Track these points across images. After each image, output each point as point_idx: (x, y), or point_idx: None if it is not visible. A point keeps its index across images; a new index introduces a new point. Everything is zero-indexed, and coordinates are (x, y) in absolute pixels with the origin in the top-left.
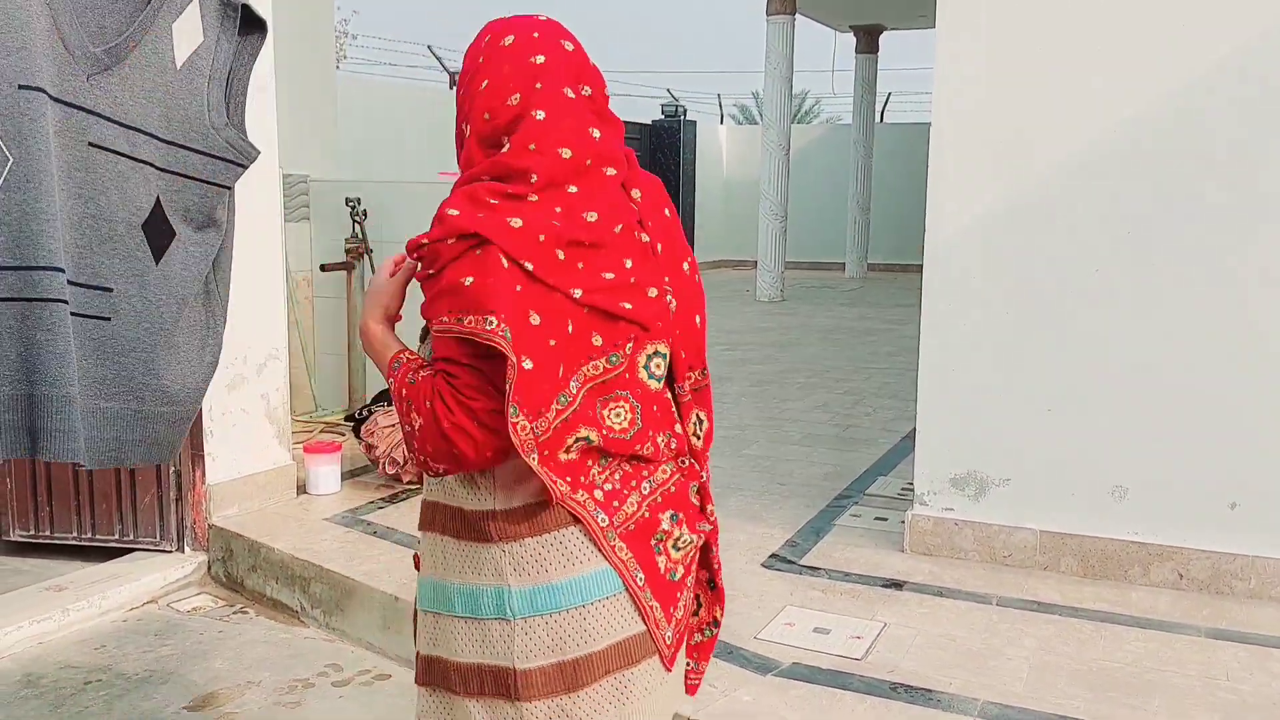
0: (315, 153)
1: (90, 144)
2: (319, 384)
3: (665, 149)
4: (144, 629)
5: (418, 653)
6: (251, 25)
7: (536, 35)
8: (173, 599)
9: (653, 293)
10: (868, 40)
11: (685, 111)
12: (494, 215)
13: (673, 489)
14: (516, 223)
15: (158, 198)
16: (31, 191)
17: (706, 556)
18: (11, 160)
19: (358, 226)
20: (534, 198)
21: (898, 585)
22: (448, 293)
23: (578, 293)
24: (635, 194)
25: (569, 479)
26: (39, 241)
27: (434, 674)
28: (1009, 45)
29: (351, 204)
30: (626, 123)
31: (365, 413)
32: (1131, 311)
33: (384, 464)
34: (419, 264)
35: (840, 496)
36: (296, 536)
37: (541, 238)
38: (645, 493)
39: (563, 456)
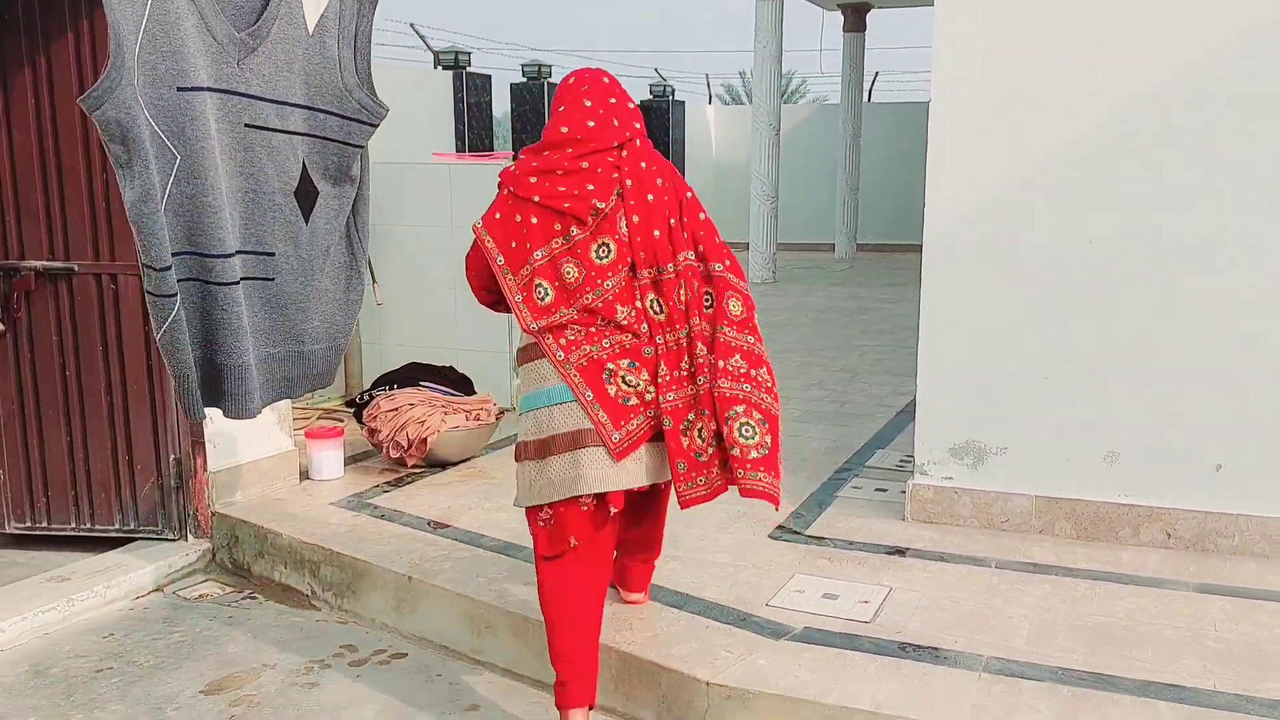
0: None
1: (247, 125)
2: None
3: (654, 129)
4: (152, 617)
5: None
6: None
7: (587, 75)
8: (178, 587)
9: (599, 204)
10: (855, 19)
11: (673, 92)
12: (513, 168)
13: (627, 346)
14: (513, 168)
15: (304, 162)
16: (199, 185)
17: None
18: (179, 158)
19: None
20: (545, 153)
21: (901, 552)
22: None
23: (536, 198)
24: (624, 153)
25: (550, 335)
26: (209, 231)
27: None
28: (1006, 30)
29: None
30: None
31: (366, 398)
32: (1124, 286)
33: (388, 448)
34: None
35: (841, 470)
36: (304, 521)
37: (516, 171)
38: (604, 346)
39: (536, 297)
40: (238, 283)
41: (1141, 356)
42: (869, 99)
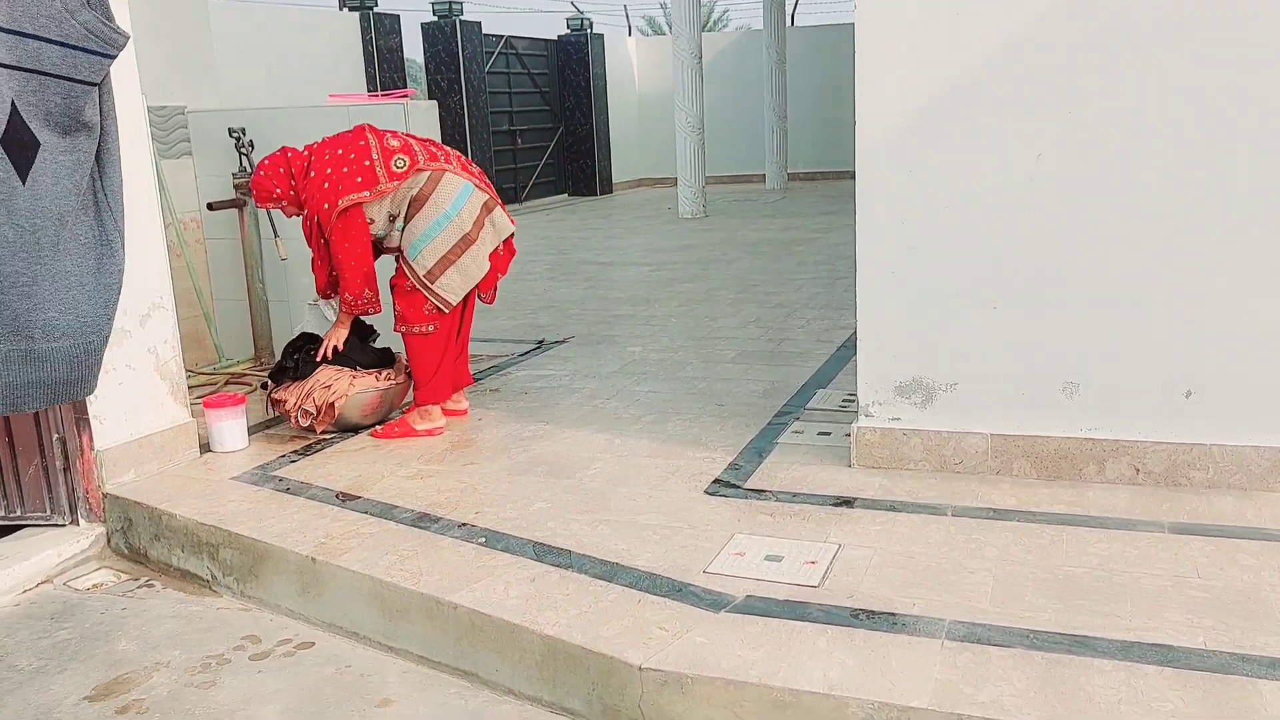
0: (191, 83)
1: None
2: (220, 332)
3: (573, 65)
4: (38, 613)
5: None
6: None
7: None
8: (70, 577)
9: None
10: None
11: (591, 25)
12: None
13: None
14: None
15: (12, 102)
16: None
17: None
18: None
19: (244, 159)
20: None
21: (848, 503)
22: None
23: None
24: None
25: None
26: None
27: None
28: None
29: (236, 135)
30: (533, 39)
31: (291, 371)
32: (1076, 198)
33: (296, 416)
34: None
35: (780, 414)
36: (201, 499)
37: (315, 174)
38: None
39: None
40: None
41: (1098, 277)
42: (792, 23)
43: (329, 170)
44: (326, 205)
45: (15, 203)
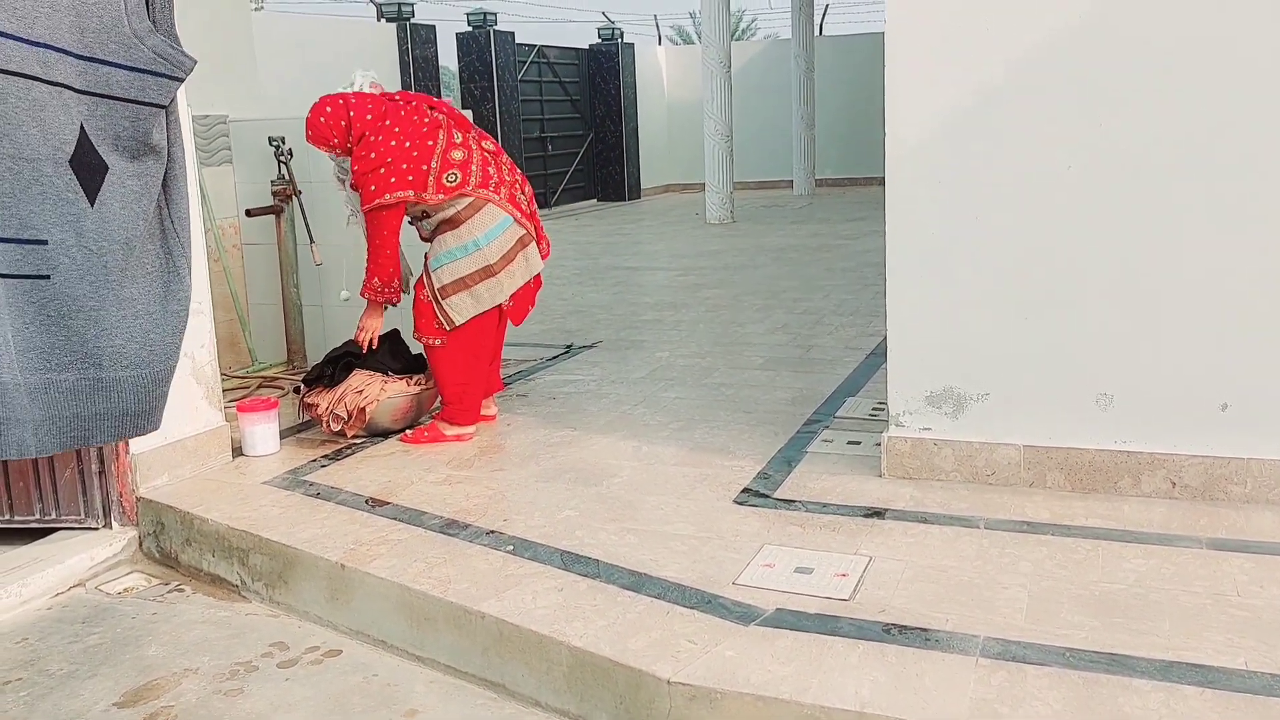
0: (233, 92)
1: None
2: (254, 336)
3: (604, 73)
4: (70, 616)
5: None
6: None
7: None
8: (102, 580)
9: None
10: None
11: (622, 34)
12: None
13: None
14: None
15: (81, 126)
16: None
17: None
18: None
19: (283, 167)
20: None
21: (879, 514)
22: None
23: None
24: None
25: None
26: None
27: None
28: None
29: (275, 144)
30: (564, 48)
31: (325, 378)
32: (1110, 207)
33: (327, 421)
34: None
35: (810, 422)
36: (232, 504)
37: (373, 155)
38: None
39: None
40: None
41: (1131, 286)
42: (820, 32)
43: (388, 158)
44: (373, 188)
45: (84, 224)
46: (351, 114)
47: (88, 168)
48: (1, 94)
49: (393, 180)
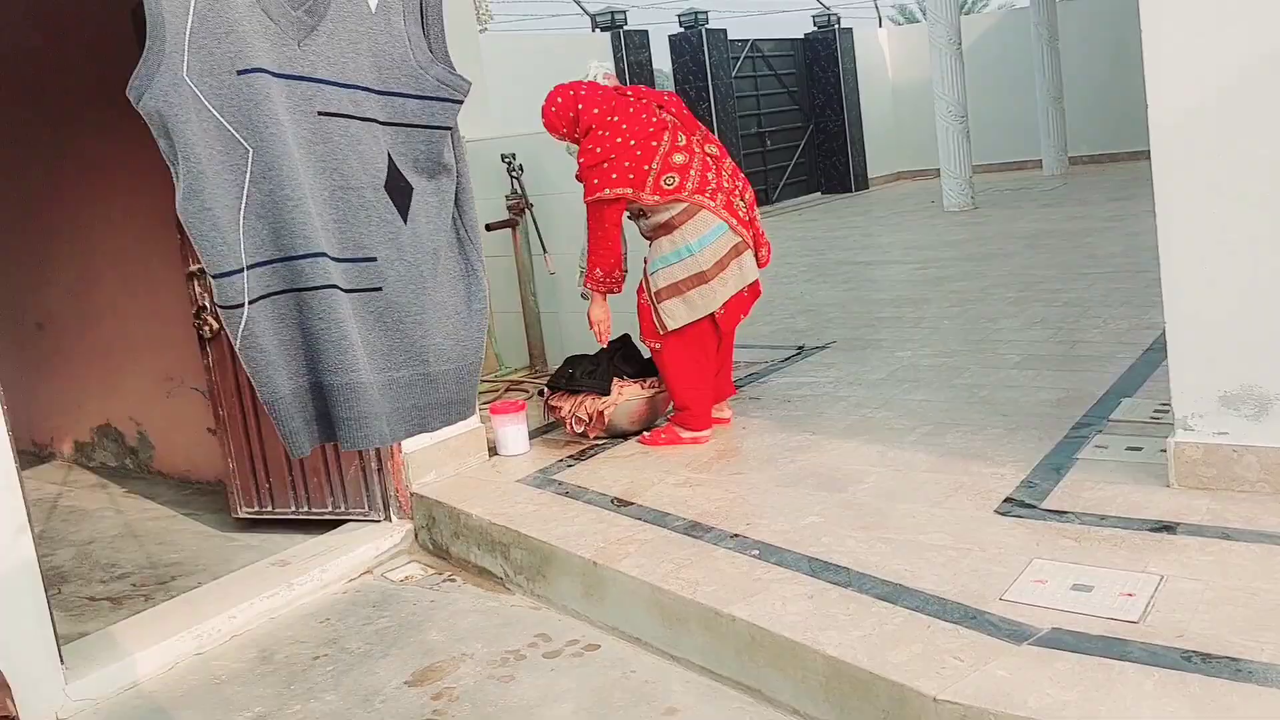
0: (466, 113)
1: (320, 113)
2: (499, 342)
3: (821, 62)
4: (362, 600)
5: None
6: None
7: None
8: (386, 569)
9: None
10: None
11: (839, 20)
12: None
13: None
14: (596, 148)
15: (389, 153)
16: (278, 179)
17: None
18: (251, 151)
19: (516, 182)
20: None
21: (1169, 528)
22: None
23: (631, 141)
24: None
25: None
26: (295, 229)
27: None
28: None
29: (507, 160)
30: (778, 40)
31: (564, 380)
32: None
33: (570, 423)
34: None
35: (1079, 425)
36: (492, 500)
37: (598, 149)
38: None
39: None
40: (334, 287)
41: None
42: None
43: (612, 154)
44: (595, 181)
45: (401, 240)
46: (580, 106)
47: (398, 190)
48: (327, 133)
49: (614, 176)
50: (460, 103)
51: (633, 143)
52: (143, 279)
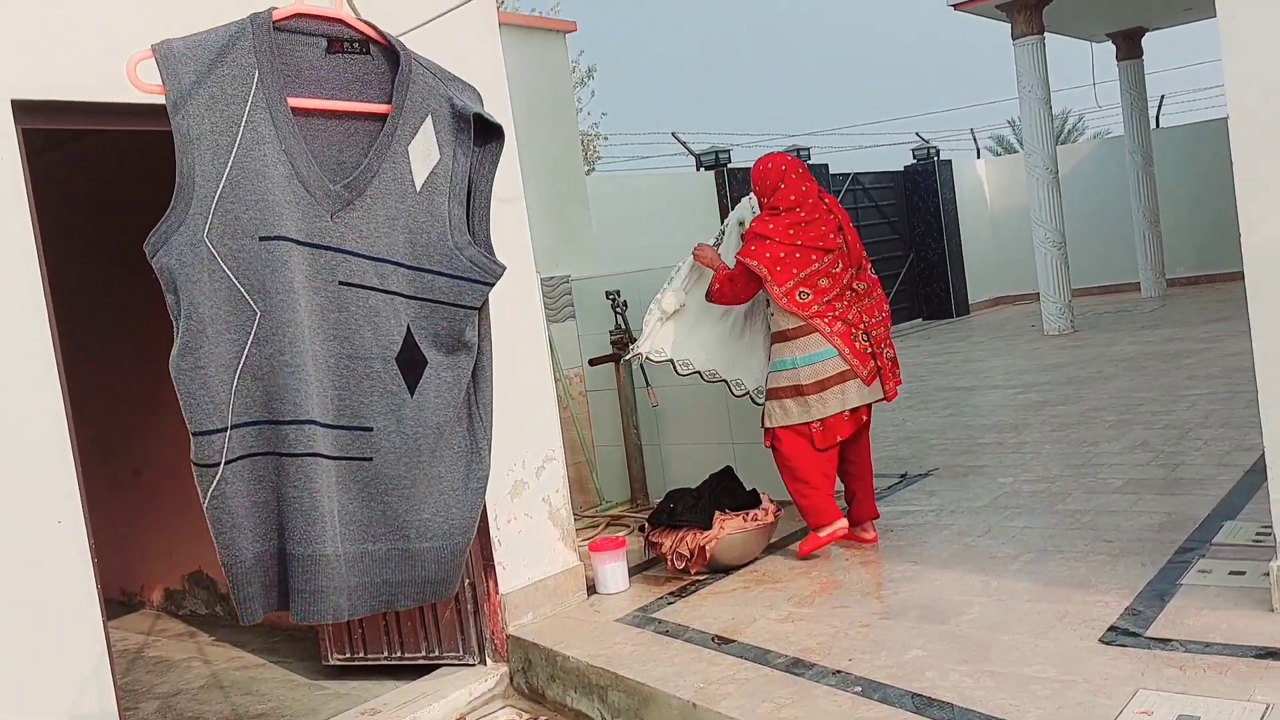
0: (574, 254)
1: (341, 283)
2: (600, 476)
3: (921, 193)
4: None
5: None
6: (488, 133)
7: (783, 159)
8: (479, 714)
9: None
10: (1128, 45)
11: (939, 152)
12: (769, 224)
13: (850, 319)
14: (769, 225)
15: (408, 326)
16: (279, 343)
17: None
18: (259, 313)
19: (619, 318)
20: (785, 214)
21: (1274, 654)
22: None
23: (799, 241)
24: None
25: (816, 318)
26: (285, 395)
27: None
28: None
29: (612, 297)
30: (879, 173)
31: (665, 515)
32: None
33: (671, 559)
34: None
35: (1182, 550)
36: (590, 641)
37: (772, 227)
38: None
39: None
40: (317, 455)
41: None
42: (1157, 124)
43: (778, 239)
44: (753, 248)
45: (403, 413)
46: (782, 186)
47: (410, 362)
48: (344, 302)
49: (767, 255)
50: (490, 285)
51: (799, 243)
52: None
